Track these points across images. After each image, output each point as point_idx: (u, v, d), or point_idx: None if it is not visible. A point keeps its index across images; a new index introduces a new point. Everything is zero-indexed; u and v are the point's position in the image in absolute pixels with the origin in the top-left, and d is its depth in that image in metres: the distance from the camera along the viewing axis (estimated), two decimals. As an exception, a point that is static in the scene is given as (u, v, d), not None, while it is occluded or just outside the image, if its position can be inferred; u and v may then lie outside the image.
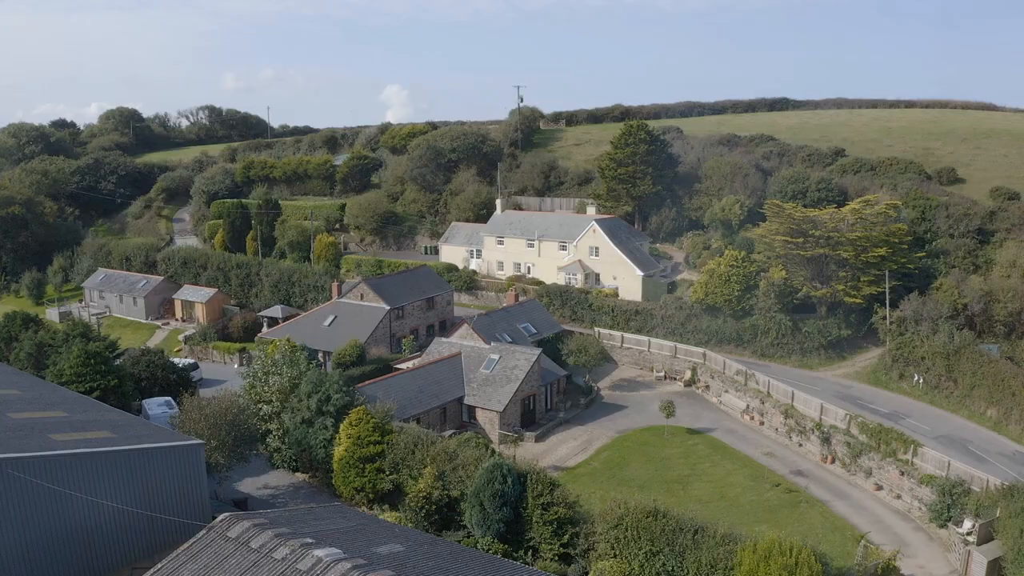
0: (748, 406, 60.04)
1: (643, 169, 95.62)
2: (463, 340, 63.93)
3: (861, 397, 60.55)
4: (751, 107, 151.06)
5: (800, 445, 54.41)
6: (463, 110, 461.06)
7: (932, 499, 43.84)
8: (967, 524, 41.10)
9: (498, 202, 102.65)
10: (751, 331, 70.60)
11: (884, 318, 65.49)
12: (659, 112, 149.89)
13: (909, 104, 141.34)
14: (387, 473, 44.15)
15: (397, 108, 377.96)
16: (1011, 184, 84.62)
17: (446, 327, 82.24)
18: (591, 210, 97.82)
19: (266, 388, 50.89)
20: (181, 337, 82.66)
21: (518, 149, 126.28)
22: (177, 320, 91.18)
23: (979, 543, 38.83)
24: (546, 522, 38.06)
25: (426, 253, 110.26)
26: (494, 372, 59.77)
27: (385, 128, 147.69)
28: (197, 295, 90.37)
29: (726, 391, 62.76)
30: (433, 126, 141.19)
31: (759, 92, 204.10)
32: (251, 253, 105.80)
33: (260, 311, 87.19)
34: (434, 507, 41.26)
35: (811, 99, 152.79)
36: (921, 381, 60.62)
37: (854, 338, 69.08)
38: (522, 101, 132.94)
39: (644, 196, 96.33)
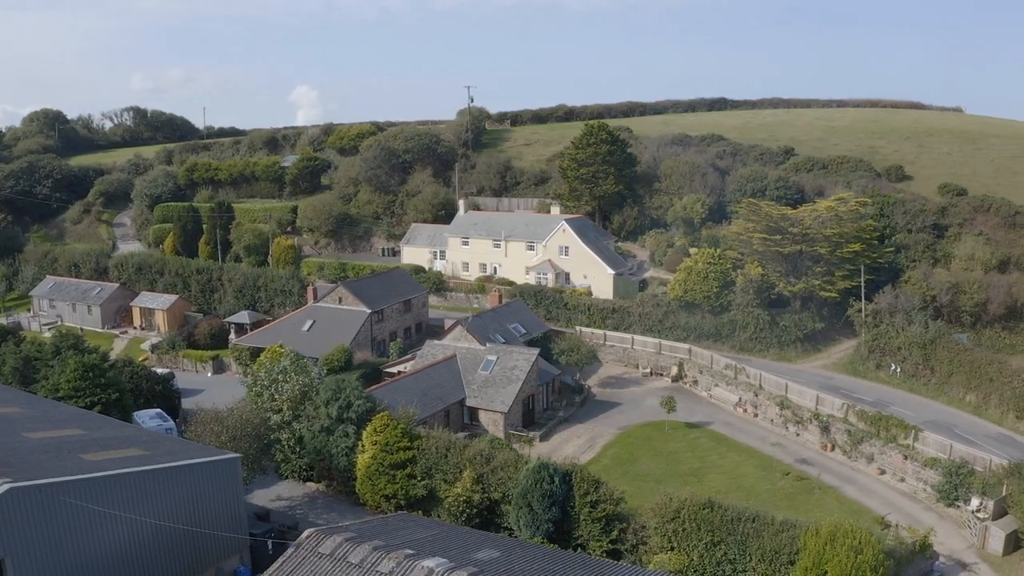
0: (741, 399, 61.96)
1: (605, 169, 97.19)
2: (457, 342, 63.78)
3: (843, 387, 63.16)
4: (691, 107, 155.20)
5: (798, 435, 56.54)
6: (387, 110, 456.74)
7: (937, 480, 46.35)
8: (975, 502, 43.65)
9: (461, 203, 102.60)
10: (729, 326, 72.72)
11: (860, 311, 68.57)
12: (602, 112, 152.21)
13: (841, 104, 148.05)
14: (419, 479, 43.83)
15: (307, 109, 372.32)
16: (956, 180, 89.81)
17: (422, 329, 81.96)
18: (555, 210, 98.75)
19: (277, 397, 49.65)
20: (147, 346, 79.65)
21: (470, 149, 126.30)
22: (136, 328, 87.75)
23: (994, 519, 41.34)
24: (595, 519, 38.61)
25: (383, 255, 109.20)
26: (493, 373, 59.91)
27: (329, 129, 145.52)
28: (157, 302, 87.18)
29: (716, 385, 64.56)
30: (379, 127, 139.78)
31: (697, 92, 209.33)
32: (204, 258, 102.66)
33: (226, 317, 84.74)
34: (474, 510, 41.30)
35: (748, 99, 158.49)
36: (899, 370, 63.76)
37: (828, 331, 72.12)
38: (472, 101, 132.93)
39: (606, 196, 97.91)
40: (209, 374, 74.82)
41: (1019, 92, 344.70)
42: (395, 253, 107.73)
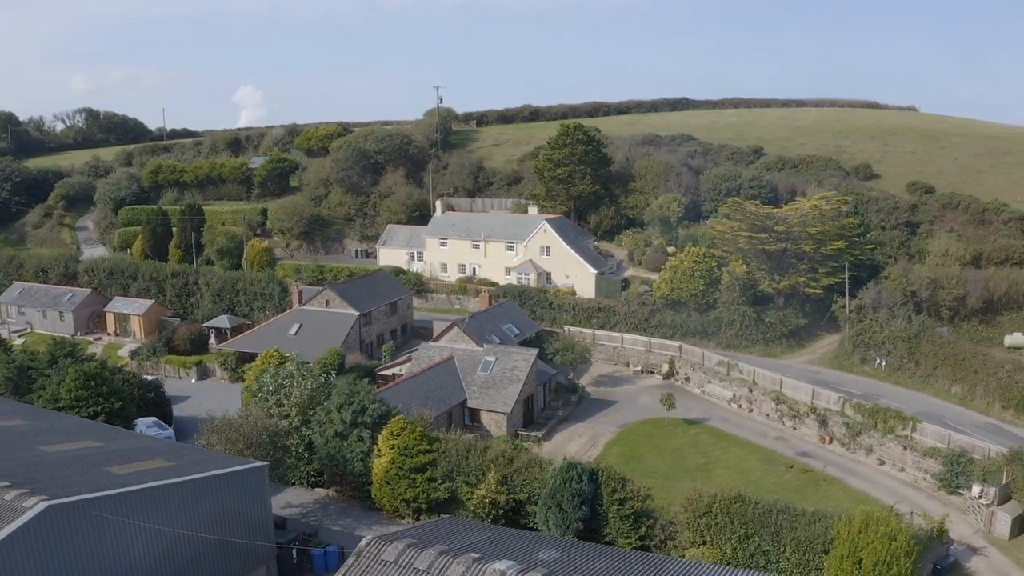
0: (735, 395, 63.17)
1: (581, 169, 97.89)
2: (454, 343, 63.74)
3: (830, 381, 64.73)
4: (654, 107, 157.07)
5: (794, 429, 57.91)
6: (335, 111, 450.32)
7: (938, 469, 48.03)
8: (976, 489, 45.39)
9: (438, 204, 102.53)
10: (715, 323, 74.03)
11: (844, 307, 70.43)
12: (567, 112, 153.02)
13: (800, 103, 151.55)
14: (440, 482, 43.77)
15: (251, 110, 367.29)
16: (923, 178, 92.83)
17: (407, 331, 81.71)
18: (533, 210, 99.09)
19: (284, 402, 49.04)
20: (125, 352, 77.69)
21: (440, 150, 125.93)
22: (109, 335, 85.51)
23: (998, 504, 43.05)
24: (623, 517, 39.13)
25: (357, 256, 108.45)
26: (493, 374, 60.05)
27: (294, 130, 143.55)
28: (132, 307, 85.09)
29: (709, 382, 65.68)
30: (346, 128, 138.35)
31: (658, 93, 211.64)
32: (175, 261, 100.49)
33: (204, 322, 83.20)
34: (500, 512, 41.45)
35: (709, 99, 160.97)
36: (883, 364, 65.75)
37: (811, 326, 73.94)
38: (441, 101, 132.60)
39: (583, 196, 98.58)
40: (193, 380, 73.45)
41: (970, 92, 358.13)
42: (368, 255, 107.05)
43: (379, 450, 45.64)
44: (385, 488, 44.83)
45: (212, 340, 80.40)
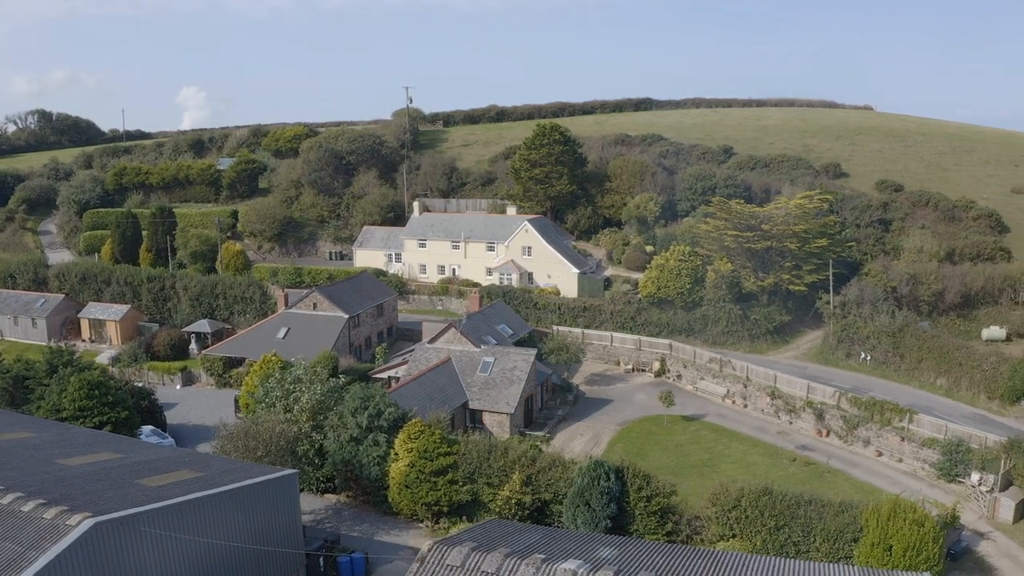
0: (729, 391, 64.37)
1: (558, 169, 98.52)
2: (450, 345, 63.68)
3: (819, 376, 66.35)
4: (619, 107, 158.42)
5: (791, 423, 59.31)
6: (292, 112, 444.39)
7: (936, 459, 49.76)
8: (975, 477, 47.19)
9: (415, 204, 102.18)
10: (702, 321, 75.25)
11: (828, 303, 72.26)
12: (532, 113, 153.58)
13: (760, 103, 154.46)
14: (461, 484, 43.79)
15: (194, 111, 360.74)
16: (891, 176, 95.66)
17: (393, 333, 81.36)
18: (511, 210, 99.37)
19: (294, 407, 48.53)
20: (105, 359, 75.71)
21: (410, 151, 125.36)
22: (84, 341, 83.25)
23: (1001, 490, 44.83)
24: (650, 513, 39.76)
25: (331, 259, 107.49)
26: (492, 375, 60.21)
27: (259, 130, 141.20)
28: (107, 313, 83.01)
29: (702, 378, 66.80)
30: (311, 129, 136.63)
31: (620, 93, 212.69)
32: (146, 265, 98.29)
33: (183, 327, 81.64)
34: (526, 512, 41.70)
35: (672, 99, 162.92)
36: (868, 358, 67.66)
37: (794, 323, 75.69)
38: (411, 102, 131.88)
39: (560, 196, 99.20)
40: (178, 387, 72.05)
41: (925, 91, 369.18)
42: (343, 256, 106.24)
43: (396, 454, 45.48)
44: (404, 492, 44.68)
45: (193, 345, 79.01)
